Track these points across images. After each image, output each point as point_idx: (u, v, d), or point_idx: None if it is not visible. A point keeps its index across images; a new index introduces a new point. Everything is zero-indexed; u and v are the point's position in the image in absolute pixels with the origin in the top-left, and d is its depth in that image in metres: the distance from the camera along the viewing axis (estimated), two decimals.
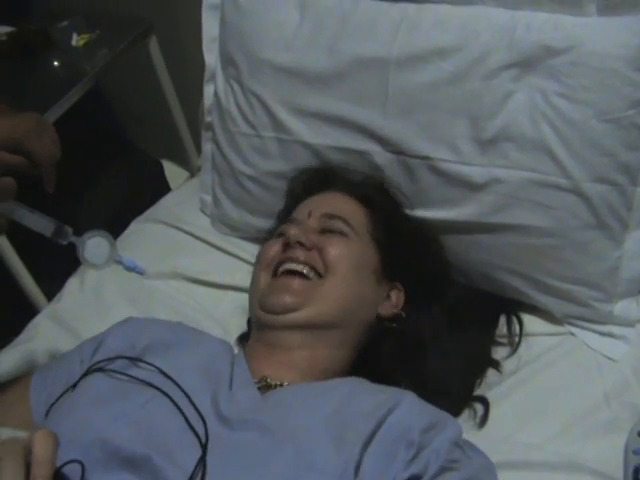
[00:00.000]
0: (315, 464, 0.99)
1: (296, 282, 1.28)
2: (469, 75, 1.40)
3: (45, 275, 1.75)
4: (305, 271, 1.28)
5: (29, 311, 1.71)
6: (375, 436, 1.03)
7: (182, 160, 2.10)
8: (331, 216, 1.37)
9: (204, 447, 1.01)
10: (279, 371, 1.21)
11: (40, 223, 1.10)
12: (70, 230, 1.11)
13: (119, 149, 2.05)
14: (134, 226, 1.80)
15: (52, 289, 1.73)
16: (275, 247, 1.35)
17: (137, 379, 1.15)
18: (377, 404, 1.09)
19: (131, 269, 1.18)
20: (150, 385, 1.13)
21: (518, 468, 1.24)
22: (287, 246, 1.32)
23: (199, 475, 0.97)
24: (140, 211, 1.86)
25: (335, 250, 1.31)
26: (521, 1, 1.41)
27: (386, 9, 1.49)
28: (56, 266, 1.71)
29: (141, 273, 1.20)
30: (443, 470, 1.02)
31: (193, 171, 2.02)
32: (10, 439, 0.83)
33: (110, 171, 1.97)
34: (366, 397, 1.14)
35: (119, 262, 1.16)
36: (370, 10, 1.50)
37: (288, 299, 1.25)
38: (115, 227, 1.47)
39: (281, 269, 1.30)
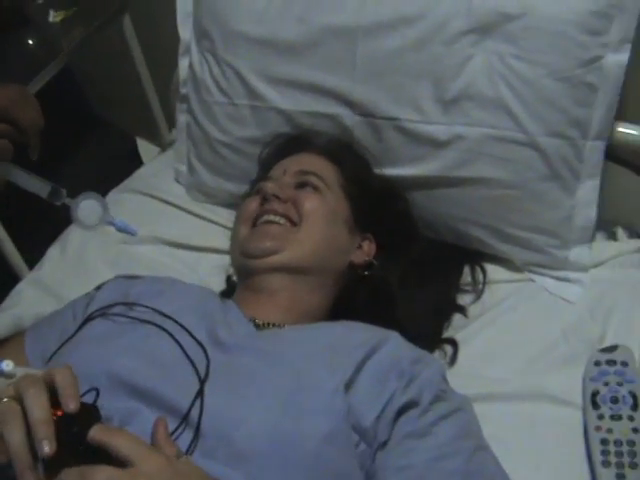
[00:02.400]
0: (310, 382, 1.07)
1: (273, 227, 1.35)
2: (432, 41, 1.48)
3: (26, 244, 1.78)
4: (282, 222, 1.36)
5: (10, 280, 1.74)
6: (367, 362, 1.12)
7: (153, 136, 2.14)
8: (304, 172, 1.43)
9: (206, 370, 1.09)
10: (266, 311, 1.29)
11: (36, 184, 1.13)
12: (64, 191, 1.14)
13: (91, 126, 2.08)
14: (111, 196, 1.83)
15: (32, 258, 1.77)
16: (253, 203, 1.41)
17: (136, 318, 1.22)
18: (367, 337, 1.18)
19: (123, 230, 1.21)
20: (148, 322, 1.20)
21: (488, 400, 1.34)
22: (264, 200, 1.38)
23: (199, 398, 1.04)
24: (116, 184, 1.91)
25: (309, 202, 1.38)
26: None
27: None
28: (36, 235, 1.76)
29: (133, 234, 1.23)
30: (437, 398, 1.12)
31: (164, 146, 2.07)
32: (27, 374, 0.90)
33: (84, 147, 2.00)
34: (357, 332, 1.23)
35: (111, 223, 1.19)
36: None
37: (267, 243, 1.32)
38: None
39: (260, 221, 1.37)
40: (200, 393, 1.04)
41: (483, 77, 1.47)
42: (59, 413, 0.84)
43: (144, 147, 2.15)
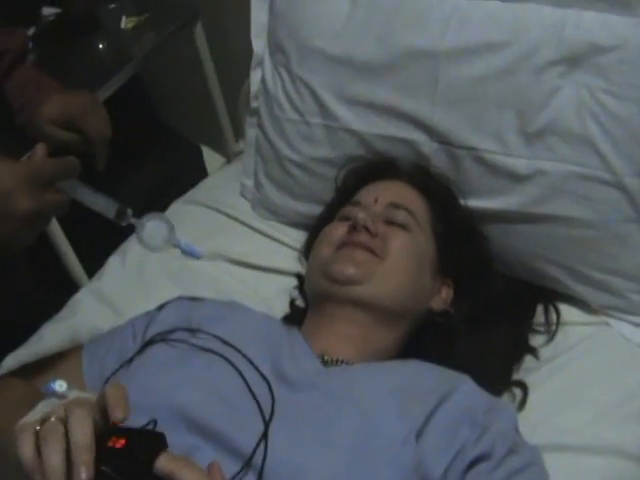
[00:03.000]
0: (380, 429, 1.03)
1: (360, 253, 1.30)
2: (518, 70, 1.43)
3: (86, 253, 1.76)
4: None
5: (70, 289, 1.71)
6: (438, 410, 1.08)
7: (219, 146, 2.12)
8: (396, 205, 1.39)
9: (271, 410, 1.05)
10: (336, 344, 1.24)
11: (102, 203, 1.11)
12: (130, 211, 1.12)
13: (158, 133, 2.06)
14: (174, 207, 1.82)
15: (92, 268, 1.74)
16: (340, 229, 1.37)
17: (197, 346, 1.18)
18: (439, 382, 1.14)
19: (188, 253, 1.20)
20: (211, 351, 1.16)
21: (556, 451, 1.27)
22: (353, 229, 1.34)
23: (264, 440, 1.00)
24: (179, 195, 1.88)
25: (398, 241, 1.34)
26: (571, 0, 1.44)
27: (437, 2, 1.51)
28: (97, 245, 1.74)
29: (198, 257, 1.22)
30: (510, 452, 1.07)
31: (230, 157, 2.04)
32: (78, 397, 0.87)
33: (150, 155, 1.99)
34: (429, 375, 1.19)
35: (177, 246, 1.18)
36: (421, 2, 1.53)
37: (352, 269, 1.28)
38: (155, 210, 1.49)
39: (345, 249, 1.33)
40: (265, 436, 1.00)
41: (570, 111, 1.41)
42: (122, 441, 0.80)
43: (210, 157, 2.13)
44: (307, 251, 1.60)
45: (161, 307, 1.35)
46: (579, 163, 1.42)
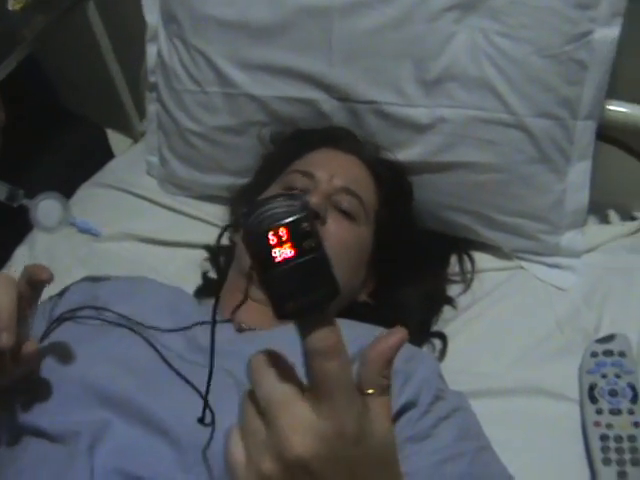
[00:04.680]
0: None
1: None
2: (412, 18, 1.41)
3: None
4: None
5: None
6: (356, 363, 1.06)
7: (125, 127, 2.07)
8: (350, 192, 1.33)
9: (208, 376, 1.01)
10: (253, 315, 1.18)
11: None
12: (22, 192, 1.09)
13: (60, 117, 2.00)
14: (81, 192, 1.78)
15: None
16: None
17: (107, 321, 1.15)
18: (358, 335, 1.11)
19: (85, 231, 1.16)
20: (121, 325, 1.13)
21: (480, 396, 1.27)
22: None
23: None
24: (86, 178, 1.83)
25: (343, 233, 1.29)
26: None
27: None
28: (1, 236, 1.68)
29: (96, 235, 1.19)
30: (435, 399, 1.07)
31: (136, 137, 1.99)
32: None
33: (52, 140, 1.93)
34: (348, 331, 1.16)
35: (73, 224, 1.15)
36: None
37: None
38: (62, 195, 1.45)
39: None
40: (205, 404, 0.95)
41: (467, 56, 1.40)
42: None
43: (116, 139, 2.08)
44: (237, 221, 1.55)
45: (65, 289, 1.31)
46: (479, 107, 1.41)
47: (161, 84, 1.69)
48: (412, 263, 1.46)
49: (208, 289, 1.50)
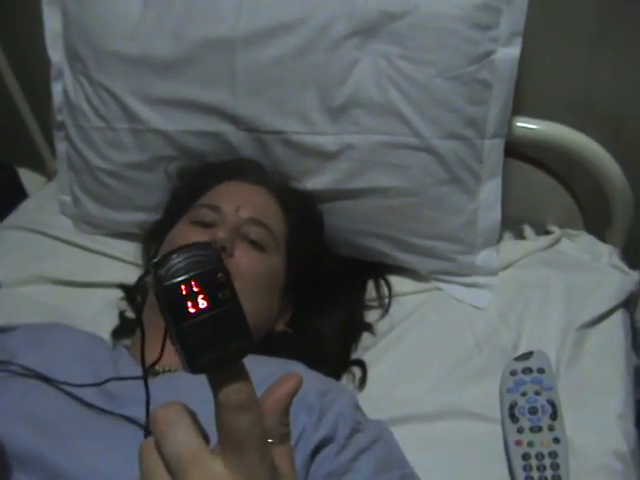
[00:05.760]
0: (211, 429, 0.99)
1: None
2: (314, 47, 1.41)
3: None
4: None
5: None
6: None
7: (37, 165, 2.03)
8: (257, 222, 1.32)
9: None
10: (166, 356, 1.17)
11: None
12: None
13: None
14: None
15: None
16: (191, 236, 1.28)
17: (15, 373, 1.12)
18: (268, 373, 1.10)
19: None
20: (27, 377, 1.10)
21: (402, 423, 1.26)
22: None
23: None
24: None
25: (252, 263, 1.28)
26: None
27: None
28: None
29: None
30: (353, 431, 1.05)
31: (50, 175, 1.96)
32: None
33: None
34: (260, 369, 1.15)
35: None
36: None
37: None
38: None
39: None
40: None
41: (371, 81, 1.40)
42: None
43: (29, 177, 2.04)
44: (150, 259, 1.53)
45: None
46: (385, 132, 1.41)
47: (68, 122, 1.66)
48: (327, 291, 1.46)
49: (125, 329, 1.47)
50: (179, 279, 0.54)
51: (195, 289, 0.55)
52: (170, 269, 0.55)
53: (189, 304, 0.54)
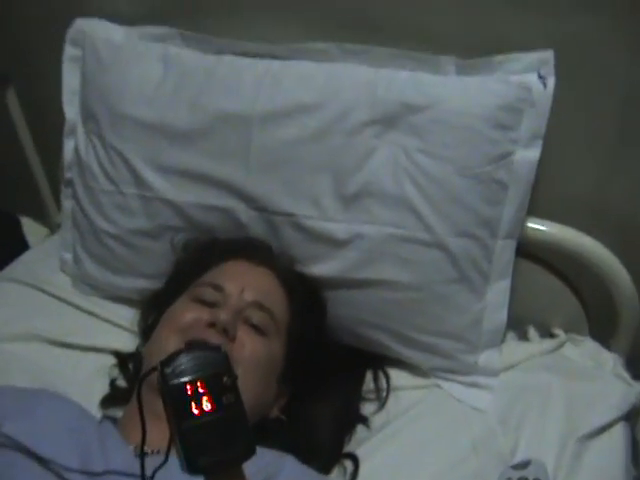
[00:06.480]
0: None
1: None
2: (331, 131, 1.40)
3: None
4: None
5: None
6: None
7: (41, 216, 2.02)
8: (261, 307, 1.31)
9: None
10: (156, 435, 1.05)
11: None
12: None
13: None
14: None
15: None
16: (191, 313, 1.28)
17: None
18: (259, 467, 1.07)
19: None
20: (10, 448, 1.07)
21: None
22: (211, 326, 1.25)
23: None
24: None
25: (254, 348, 1.27)
26: (383, 59, 1.43)
27: (249, 65, 1.48)
28: None
29: None
30: None
31: (53, 228, 1.95)
32: None
33: None
34: (252, 460, 1.12)
35: None
36: (233, 66, 1.49)
37: None
38: None
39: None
40: None
41: (387, 172, 1.39)
42: None
43: (31, 227, 2.02)
44: (147, 329, 1.49)
45: None
46: (397, 225, 1.39)
47: (77, 181, 1.64)
48: (325, 379, 1.43)
49: (116, 398, 1.44)
50: (185, 379, 0.56)
51: (200, 390, 0.56)
52: (177, 368, 0.57)
53: (193, 405, 0.56)
